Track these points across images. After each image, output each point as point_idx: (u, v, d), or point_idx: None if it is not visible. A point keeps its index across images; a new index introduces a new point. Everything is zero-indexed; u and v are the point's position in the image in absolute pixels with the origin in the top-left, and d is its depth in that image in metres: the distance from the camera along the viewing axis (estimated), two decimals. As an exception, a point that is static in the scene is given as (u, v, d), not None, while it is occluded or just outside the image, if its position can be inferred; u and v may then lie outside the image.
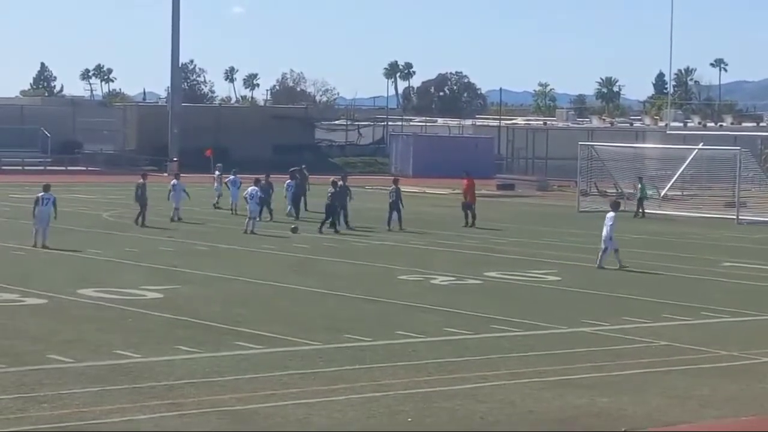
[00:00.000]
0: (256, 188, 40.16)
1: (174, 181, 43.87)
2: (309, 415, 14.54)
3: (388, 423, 14.34)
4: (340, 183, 40.96)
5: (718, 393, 16.40)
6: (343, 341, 19.50)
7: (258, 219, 39.52)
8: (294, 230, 38.47)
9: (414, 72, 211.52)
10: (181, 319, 21.27)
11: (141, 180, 41.77)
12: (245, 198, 39.98)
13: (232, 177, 47.90)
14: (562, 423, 14.58)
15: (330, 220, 39.67)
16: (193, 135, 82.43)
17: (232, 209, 46.23)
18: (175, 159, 79.97)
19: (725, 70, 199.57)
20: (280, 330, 20.28)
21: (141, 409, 14.50)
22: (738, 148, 53.83)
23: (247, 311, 22.46)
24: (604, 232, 31.02)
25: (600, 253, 31.01)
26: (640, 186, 51.89)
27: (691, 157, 57.31)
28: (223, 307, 22.87)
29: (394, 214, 40.79)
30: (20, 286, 24.81)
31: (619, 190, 57.95)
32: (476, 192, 43.85)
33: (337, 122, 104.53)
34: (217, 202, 49.01)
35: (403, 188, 43.03)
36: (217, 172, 51.08)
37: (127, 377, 16.29)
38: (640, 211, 50.49)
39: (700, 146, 58.28)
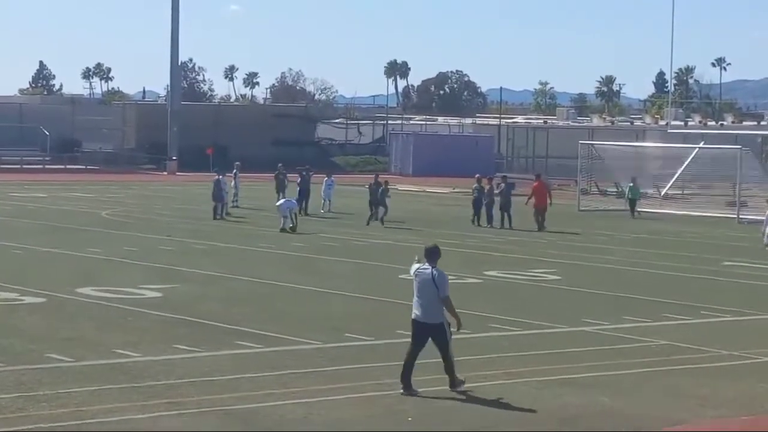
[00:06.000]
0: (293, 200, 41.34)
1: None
2: (309, 414, 14.51)
3: (388, 422, 14.30)
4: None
5: (718, 392, 16.37)
6: (344, 340, 19.47)
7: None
8: (292, 229, 38.49)
9: (413, 70, 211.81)
10: (180, 318, 21.23)
11: (217, 177, 43.99)
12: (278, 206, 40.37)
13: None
14: (563, 423, 14.54)
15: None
16: (192, 133, 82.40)
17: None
18: (174, 158, 80.00)
19: (725, 69, 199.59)
20: (279, 329, 20.25)
21: (140, 409, 14.47)
22: (739, 147, 53.76)
23: (247, 310, 22.43)
24: None
25: None
26: (631, 185, 51.52)
27: (692, 156, 57.28)
28: (223, 306, 22.83)
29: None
30: (19, 284, 24.75)
31: (620, 189, 57.95)
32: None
33: (336, 121, 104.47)
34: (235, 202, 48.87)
35: (402, 187, 43.08)
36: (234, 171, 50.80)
37: (126, 376, 16.25)
38: (636, 210, 50.36)
39: (700, 145, 58.28)
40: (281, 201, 40.64)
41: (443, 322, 15.71)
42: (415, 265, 16.13)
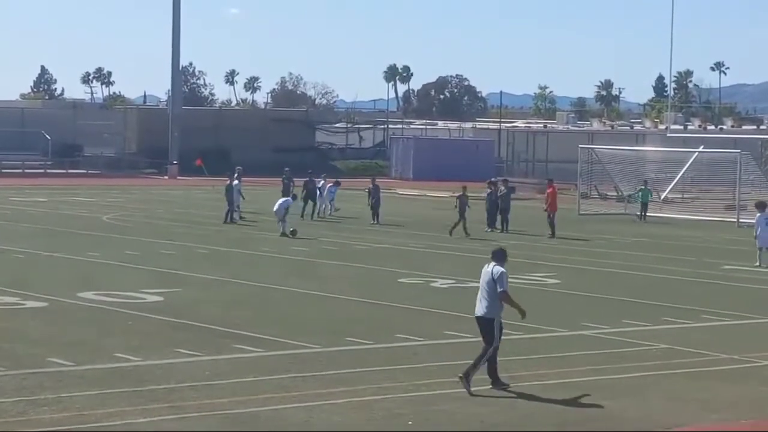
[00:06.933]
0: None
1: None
2: (309, 418, 14.55)
3: (388, 426, 14.33)
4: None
5: (718, 396, 16.40)
6: (344, 344, 19.50)
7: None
8: (293, 233, 38.53)
9: (414, 74, 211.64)
10: (182, 322, 21.26)
11: (229, 181, 44.21)
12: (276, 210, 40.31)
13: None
14: (563, 426, 14.57)
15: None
16: (193, 138, 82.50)
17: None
18: (175, 162, 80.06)
19: (725, 74, 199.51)
20: (280, 333, 20.28)
21: (141, 413, 14.50)
22: (738, 151, 53.80)
23: (248, 314, 22.46)
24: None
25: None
26: (643, 188, 51.96)
27: (692, 160, 57.34)
28: (223, 310, 22.87)
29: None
30: (20, 289, 24.79)
31: (619, 193, 58.01)
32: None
33: (337, 125, 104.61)
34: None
35: (402, 191, 43.05)
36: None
37: (127, 380, 16.29)
38: (642, 214, 50.75)
39: (700, 149, 58.34)
40: (276, 205, 40.33)
41: (495, 319, 16.39)
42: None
